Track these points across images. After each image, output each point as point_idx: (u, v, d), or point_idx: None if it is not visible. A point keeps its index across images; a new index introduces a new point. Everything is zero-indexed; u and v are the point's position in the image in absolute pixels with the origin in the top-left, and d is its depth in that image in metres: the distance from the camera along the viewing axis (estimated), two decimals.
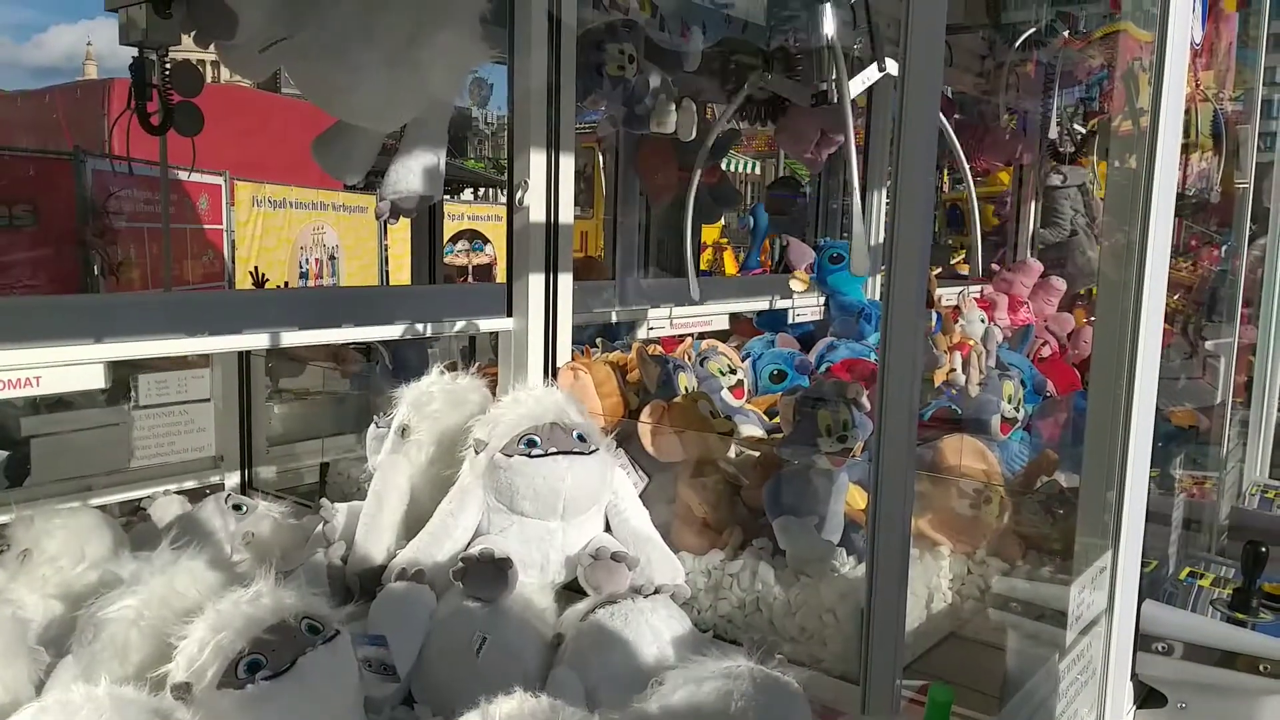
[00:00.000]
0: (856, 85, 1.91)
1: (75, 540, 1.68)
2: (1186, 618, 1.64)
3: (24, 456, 2.24)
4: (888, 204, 3.55)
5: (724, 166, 4.21)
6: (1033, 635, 1.57)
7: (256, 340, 1.71)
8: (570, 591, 1.80)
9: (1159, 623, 1.60)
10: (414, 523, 1.86)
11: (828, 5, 2.43)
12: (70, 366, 1.40)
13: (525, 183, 2.05)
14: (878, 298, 3.36)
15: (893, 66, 1.96)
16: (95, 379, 1.44)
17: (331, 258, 10.17)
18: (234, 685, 1.24)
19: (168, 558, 1.50)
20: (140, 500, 2.20)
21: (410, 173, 1.78)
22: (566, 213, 2.10)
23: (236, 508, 2.03)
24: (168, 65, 3.78)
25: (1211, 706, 1.58)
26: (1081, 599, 1.38)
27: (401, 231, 10.21)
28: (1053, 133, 4.15)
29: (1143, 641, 1.60)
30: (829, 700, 1.42)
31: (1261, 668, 1.55)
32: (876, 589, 1.30)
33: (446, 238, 10.84)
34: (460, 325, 2.08)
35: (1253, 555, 1.67)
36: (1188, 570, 1.86)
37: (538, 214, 2.05)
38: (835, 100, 2.45)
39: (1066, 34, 4.03)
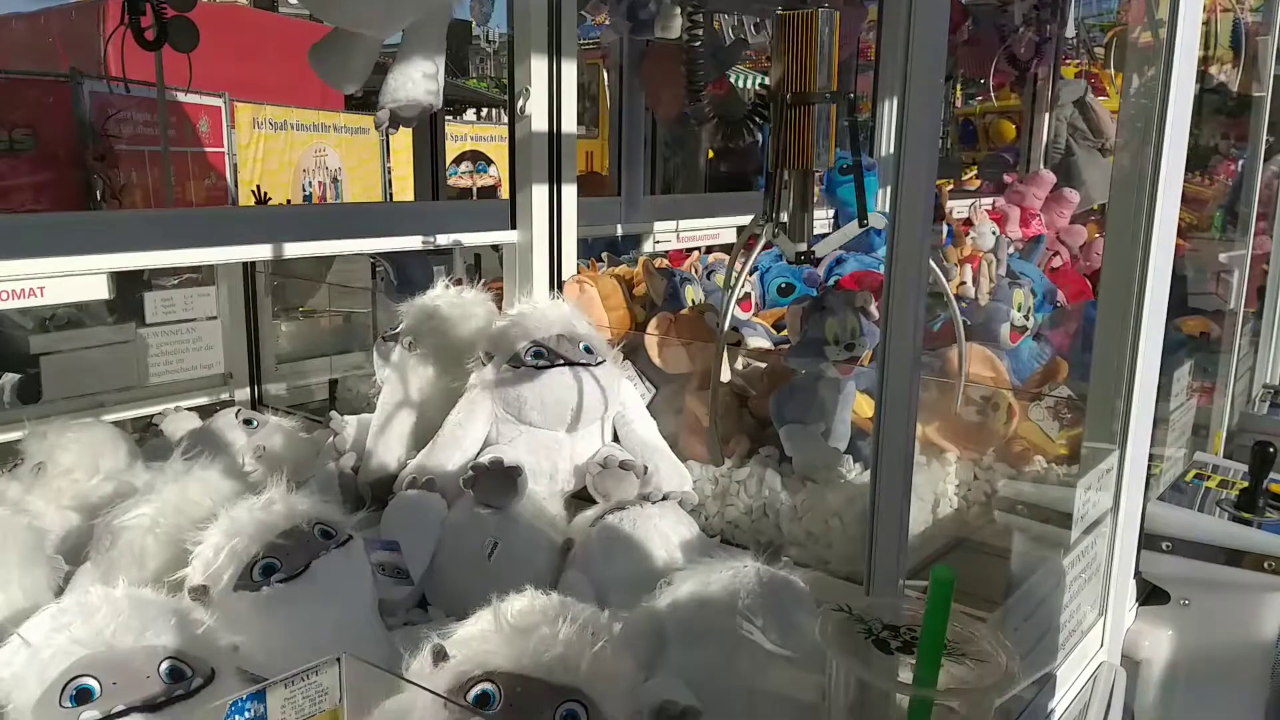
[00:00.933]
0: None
1: (89, 453, 1.69)
2: (1192, 516, 1.65)
3: (35, 375, 2.26)
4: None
5: (731, 80, 4.12)
6: (1038, 536, 1.58)
7: (260, 251, 1.70)
8: (579, 500, 1.82)
9: (1164, 521, 1.61)
10: (423, 434, 1.87)
11: None
12: (74, 277, 1.39)
13: (526, 90, 2.01)
14: (887, 210, 3.31)
15: None
16: (99, 290, 1.43)
17: (334, 180, 10.07)
18: (250, 588, 1.26)
19: (180, 468, 1.51)
20: (152, 416, 2.21)
21: (409, 80, 1.74)
22: (569, 121, 2.06)
23: (247, 422, 2.04)
24: None
25: (1215, 603, 1.60)
26: (1087, 498, 1.39)
27: (404, 153, 10.10)
28: (1070, 31, 4.05)
29: (1147, 540, 1.61)
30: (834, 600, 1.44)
31: (1266, 565, 1.56)
32: (881, 491, 1.30)
33: (449, 159, 10.71)
34: (465, 238, 2.07)
35: (1261, 455, 1.67)
36: (1194, 472, 1.86)
37: (540, 123, 2.01)
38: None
39: None
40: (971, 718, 0.56)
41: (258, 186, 8.40)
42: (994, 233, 3.11)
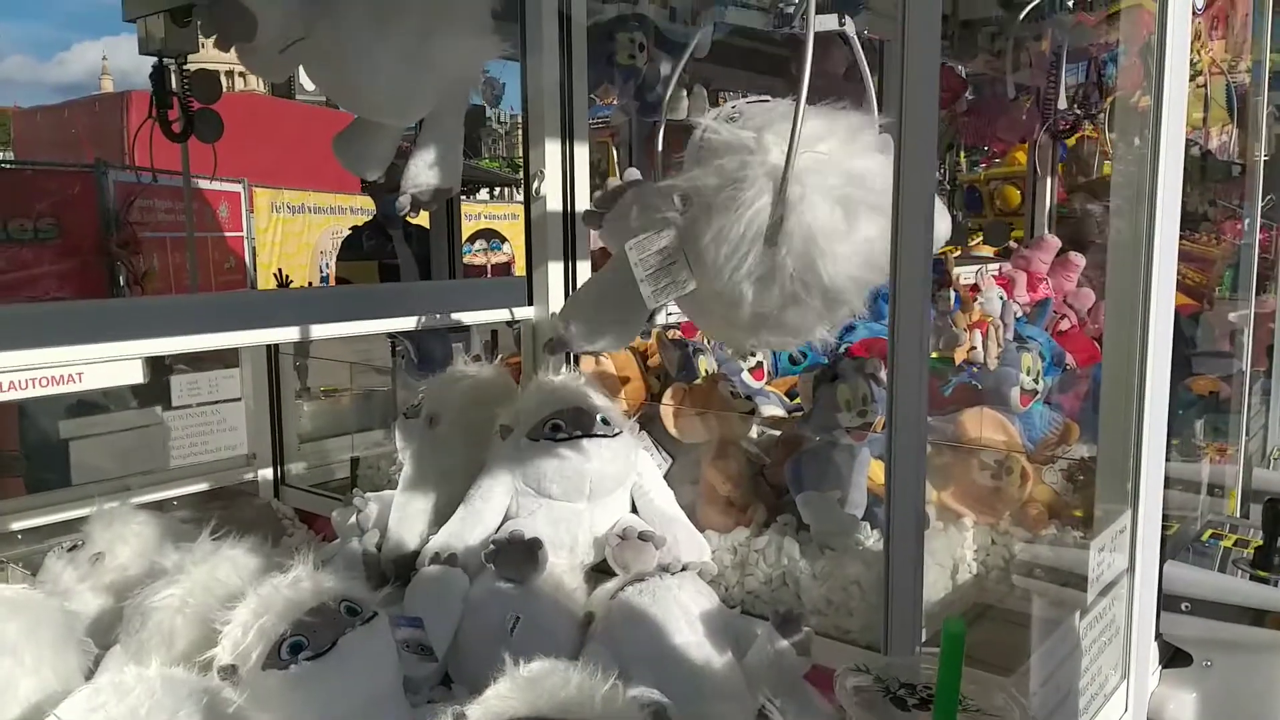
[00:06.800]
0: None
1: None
2: (1212, 577, 1.65)
3: (64, 460, 2.30)
4: None
5: None
6: (1056, 599, 1.58)
7: (287, 334, 1.76)
8: (599, 573, 1.83)
9: (1183, 582, 1.61)
10: (444, 510, 1.89)
11: None
12: (110, 363, 1.44)
13: (541, 173, 2.09)
14: None
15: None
16: (134, 374, 1.48)
17: None
18: (278, 666, 1.27)
19: (209, 548, 1.54)
20: (175, 499, 2.24)
21: (428, 166, 1.82)
22: (583, 201, 2.13)
23: None
24: (187, 73, 3.86)
25: (1238, 663, 1.59)
26: (1101, 560, 1.40)
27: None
28: (1062, 103, 4.15)
29: (1167, 602, 1.61)
30: None
31: None
32: (894, 560, 1.32)
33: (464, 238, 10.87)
34: (484, 316, 2.12)
35: (1273, 514, 1.68)
36: (1210, 532, 1.86)
37: (554, 204, 2.08)
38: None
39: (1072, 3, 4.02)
40: None
41: (279, 270, 8.56)
42: (1001, 298, 3.14)
